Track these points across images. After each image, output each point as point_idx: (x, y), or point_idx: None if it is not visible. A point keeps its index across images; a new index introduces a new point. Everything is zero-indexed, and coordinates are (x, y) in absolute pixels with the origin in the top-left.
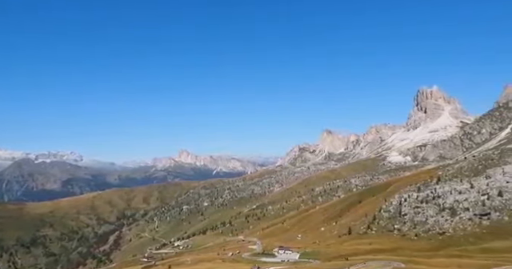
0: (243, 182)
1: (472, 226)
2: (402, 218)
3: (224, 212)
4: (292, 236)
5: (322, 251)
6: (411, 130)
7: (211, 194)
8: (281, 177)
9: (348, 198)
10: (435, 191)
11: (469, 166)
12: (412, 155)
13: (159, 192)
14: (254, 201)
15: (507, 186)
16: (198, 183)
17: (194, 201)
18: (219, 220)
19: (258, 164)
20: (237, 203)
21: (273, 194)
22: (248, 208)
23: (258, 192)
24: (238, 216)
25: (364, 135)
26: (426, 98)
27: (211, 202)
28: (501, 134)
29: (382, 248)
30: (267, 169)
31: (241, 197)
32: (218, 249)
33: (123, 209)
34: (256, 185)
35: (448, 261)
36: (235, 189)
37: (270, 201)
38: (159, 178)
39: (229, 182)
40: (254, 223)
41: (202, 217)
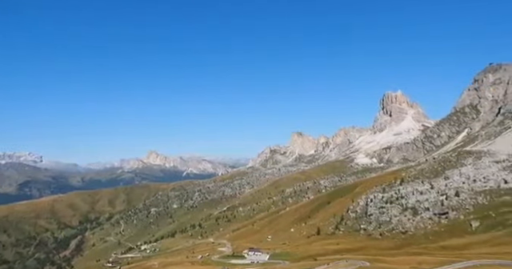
0: (214, 183)
1: (432, 224)
2: (368, 218)
3: (194, 214)
4: (262, 237)
5: (292, 252)
6: (377, 132)
7: (181, 196)
8: (252, 178)
9: (317, 200)
10: (399, 192)
11: (429, 168)
12: (378, 157)
13: (126, 194)
14: (225, 203)
15: (463, 187)
16: (167, 185)
17: (162, 203)
18: (189, 223)
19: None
20: (207, 205)
21: (244, 195)
22: (218, 210)
23: (228, 194)
24: (209, 218)
25: (333, 137)
26: (391, 102)
27: (181, 204)
28: (458, 137)
29: (349, 248)
30: (238, 170)
31: (211, 199)
32: (188, 252)
33: (86, 212)
34: (227, 186)
35: (409, 259)
36: (206, 191)
37: (241, 203)
38: (126, 180)
39: (199, 184)
40: (225, 225)
41: (170, 220)
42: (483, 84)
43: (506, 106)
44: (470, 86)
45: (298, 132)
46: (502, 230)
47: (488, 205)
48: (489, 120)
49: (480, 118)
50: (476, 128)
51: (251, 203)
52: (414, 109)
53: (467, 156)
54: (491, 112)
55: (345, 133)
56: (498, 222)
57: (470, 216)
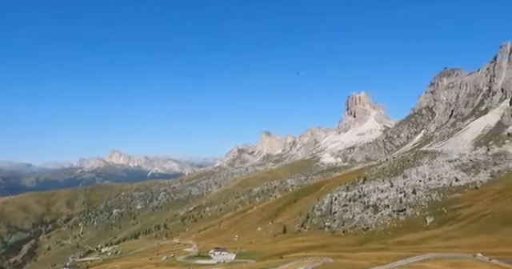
0: (180, 183)
1: (391, 221)
2: (332, 216)
3: (159, 215)
4: (229, 237)
5: (258, 251)
6: (342, 133)
7: (145, 196)
8: (219, 178)
9: (284, 198)
10: (361, 190)
11: (389, 167)
12: (342, 157)
13: (86, 195)
14: (192, 203)
15: (420, 185)
16: (130, 185)
17: (125, 204)
18: (153, 223)
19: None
20: (173, 205)
21: (211, 195)
22: (185, 210)
23: (195, 193)
24: (174, 219)
25: (300, 137)
26: (356, 103)
27: (145, 204)
28: (415, 138)
29: (314, 245)
30: (206, 170)
31: (177, 199)
32: (151, 253)
33: (41, 215)
34: (194, 186)
35: (370, 254)
36: (172, 191)
37: (208, 202)
38: (86, 180)
39: (165, 184)
40: (191, 225)
41: (134, 221)
42: (438, 87)
43: (457, 108)
44: (427, 89)
45: (266, 132)
46: (453, 225)
47: (441, 202)
48: (443, 122)
49: (435, 119)
50: (431, 129)
51: (218, 203)
52: (377, 110)
53: (423, 156)
54: (445, 114)
55: (312, 133)
56: (449, 218)
57: (425, 212)
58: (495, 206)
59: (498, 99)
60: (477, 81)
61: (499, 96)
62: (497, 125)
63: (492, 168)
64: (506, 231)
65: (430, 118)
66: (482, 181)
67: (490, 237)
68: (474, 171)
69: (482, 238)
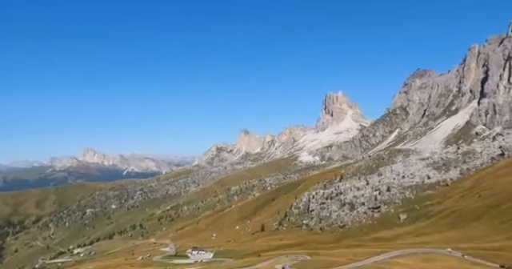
0: (157, 182)
1: (366, 218)
2: (309, 214)
3: (134, 214)
4: (207, 236)
5: (236, 249)
6: (320, 131)
7: (120, 195)
8: (197, 177)
9: (262, 197)
10: (338, 188)
11: (365, 165)
12: (320, 155)
13: (57, 195)
14: (169, 202)
15: (394, 183)
16: (105, 185)
17: (100, 204)
18: (129, 223)
19: (173, 164)
20: (149, 205)
21: (188, 194)
22: (162, 209)
23: (172, 192)
24: (151, 218)
25: (279, 136)
26: (333, 102)
27: (120, 204)
28: (390, 136)
29: (292, 243)
30: (183, 169)
31: (154, 198)
32: (127, 254)
33: (8, 215)
34: (171, 185)
35: (346, 251)
36: (148, 190)
37: (186, 201)
38: (58, 179)
39: (141, 183)
40: (168, 225)
41: (108, 220)
42: (412, 88)
43: (429, 108)
44: (401, 89)
45: (245, 130)
46: (425, 222)
47: (414, 199)
48: (416, 121)
49: (409, 119)
50: (405, 128)
51: (196, 202)
52: (353, 109)
53: (397, 154)
54: (418, 114)
55: (290, 132)
56: (421, 214)
57: (399, 209)
58: (464, 203)
59: (467, 100)
60: (447, 82)
61: (468, 97)
62: (466, 124)
63: (461, 166)
64: (473, 227)
65: (403, 118)
66: (452, 178)
67: (459, 232)
68: (444, 169)
69: (451, 233)
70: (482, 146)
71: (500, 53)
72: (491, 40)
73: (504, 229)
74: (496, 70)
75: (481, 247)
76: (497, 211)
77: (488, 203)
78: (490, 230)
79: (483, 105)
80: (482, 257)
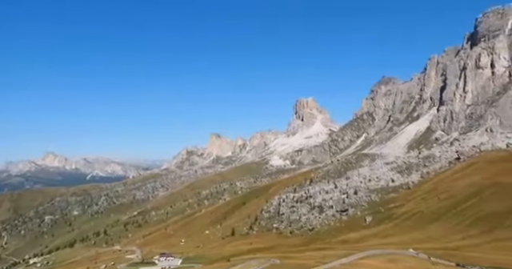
0: (124, 187)
1: (334, 221)
2: (280, 218)
3: (98, 221)
4: (176, 241)
5: (205, 255)
6: (291, 136)
7: (83, 201)
8: (166, 181)
9: (233, 201)
10: (308, 192)
11: (334, 169)
12: (291, 159)
13: (12, 201)
14: (136, 207)
15: (361, 186)
16: (66, 190)
17: (60, 210)
18: (92, 230)
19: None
20: (115, 210)
21: (157, 199)
22: (128, 215)
23: (140, 197)
24: (116, 224)
25: (250, 140)
26: (303, 107)
27: (83, 210)
28: (357, 141)
29: (262, 247)
30: (152, 173)
31: (120, 203)
32: (89, 262)
33: None
34: (138, 190)
35: (315, 253)
36: (114, 195)
37: (154, 206)
38: (14, 184)
39: (106, 188)
40: (134, 231)
41: (69, 228)
42: (377, 94)
43: (394, 114)
44: (368, 95)
45: (216, 134)
46: (389, 224)
47: (379, 201)
48: (381, 126)
49: (375, 124)
50: (372, 133)
51: (165, 207)
52: (323, 114)
53: (364, 158)
54: (383, 119)
55: (261, 136)
56: (386, 217)
57: (365, 212)
58: (424, 205)
59: (428, 107)
60: (410, 89)
61: (428, 104)
62: (426, 130)
63: (422, 170)
64: (433, 228)
65: (370, 123)
66: (414, 181)
67: (420, 233)
68: (407, 173)
69: (413, 234)
70: (440, 151)
71: (456, 63)
72: (449, 51)
73: (460, 229)
74: (453, 79)
75: (439, 247)
76: (453, 213)
77: (446, 205)
78: (447, 231)
79: (442, 112)
80: (441, 256)
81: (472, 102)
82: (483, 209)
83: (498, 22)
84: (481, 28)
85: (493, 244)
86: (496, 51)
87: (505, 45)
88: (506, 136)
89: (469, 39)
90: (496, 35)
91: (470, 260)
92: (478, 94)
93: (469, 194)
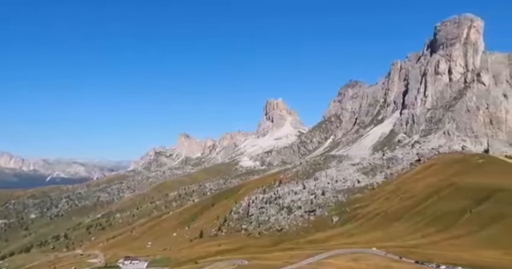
0: (87, 188)
1: (302, 221)
2: (249, 219)
3: (58, 224)
4: (142, 244)
5: (172, 257)
6: (261, 137)
7: (42, 204)
8: (133, 182)
9: (202, 202)
10: (277, 193)
11: (303, 170)
12: (260, 160)
13: None
14: (100, 209)
15: (328, 187)
16: (23, 192)
17: (15, 213)
18: (51, 234)
19: (107, 169)
20: (77, 213)
21: (122, 200)
22: (91, 218)
23: (104, 199)
24: (78, 227)
25: (220, 141)
26: (273, 108)
27: (41, 213)
28: (325, 143)
29: (230, 248)
30: (117, 174)
31: (82, 206)
32: (47, 268)
33: None
34: (103, 191)
35: (283, 254)
36: (76, 197)
37: (119, 208)
38: None
39: (68, 190)
40: (98, 234)
41: (26, 232)
42: (345, 97)
43: (360, 117)
44: (336, 98)
45: (185, 134)
46: (354, 223)
47: (345, 202)
48: (348, 129)
49: (342, 126)
50: (339, 135)
51: (131, 209)
52: (292, 116)
53: (332, 159)
54: (350, 122)
55: (231, 137)
56: (351, 217)
57: (332, 212)
58: (387, 205)
59: (391, 110)
60: (375, 93)
61: (392, 107)
62: (390, 133)
63: (386, 171)
64: (395, 227)
65: (338, 125)
66: (378, 182)
67: (383, 232)
68: (372, 174)
69: (376, 233)
70: (402, 153)
71: (418, 69)
72: (411, 57)
73: (419, 228)
74: (414, 84)
75: (400, 245)
76: (414, 212)
77: (407, 205)
78: (408, 230)
79: (404, 115)
80: (401, 254)
81: (431, 107)
82: (440, 208)
83: (454, 31)
84: (440, 36)
85: (448, 241)
86: (453, 58)
87: (461, 53)
88: (462, 139)
89: (429, 46)
90: (453, 43)
91: (428, 257)
92: (437, 98)
93: (428, 194)
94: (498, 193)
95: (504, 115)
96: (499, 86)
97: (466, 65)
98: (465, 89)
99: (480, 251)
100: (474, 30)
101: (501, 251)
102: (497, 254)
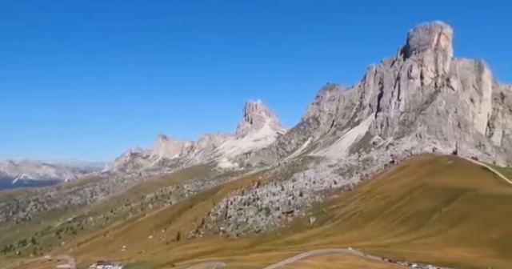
0: (57, 191)
1: (280, 222)
2: (227, 220)
3: (25, 229)
4: (116, 248)
5: (148, 260)
6: (240, 138)
7: (8, 207)
8: (107, 184)
9: (179, 204)
10: (255, 194)
11: (281, 172)
12: (239, 162)
13: None
14: (71, 213)
15: (306, 188)
16: None
17: None
18: (17, 239)
19: (79, 171)
20: (46, 217)
21: (96, 203)
22: (61, 221)
23: (76, 202)
24: (47, 232)
25: (198, 142)
26: (252, 110)
27: (6, 217)
28: (304, 144)
29: (208, 250)
30: (91, 176)
31: (52, 209)
32: None
33: None
34: (75, 194)
35: (261, 255)
36: (45, 200)
37: (92, 211)
38: None
39: (36, 192)
40: (69, 238)
41: None
42: (322, 99)
43: (337, 119)
44: (314, 100)
45: (163, 135)
46: (331, 224)
47: (322, 203)
48: (326, 130)
49: (320, 128)
50: (317, 137)
51: (105, 212)
52: (271, 118)
53: (310, 161)
54: (328, 124)
55: (210, 138)
56: (328, 217)
57: (310, 213)
58: (363, 206)
59: (367, 113)
60: (352, 96)
61: (368, 110)
62: (366, 135)
63: (362, 172)
64: (370, 227)
65: (315, 127)
66: (354, 183)
67: (358, 232)
68: (348, 175)
69: (352, 233)
70: (377, 155)
71: (392, 73)
72: (385, 61)
73: (393, 227)
74: (388, 87)
75: (375, 245)
76: (388, 212)
77: (381, 205)
78: (382, 229)
79: (379, 118)
80: (376, 253)
81: (405, 110)
82: (412, 208)
83: (426, 37)
84: (412, 42)
85: (420, 240)
86: (425, 64)
87: (432, 58)
88: (433, 141)
89: (402, 51)
90: (424, 49)
91: (401, 256)
92: (409, 102)
93: (401, 194)
94: (465, 193)
95: (471, 119)
96: (466, 91)
97: (436, 70)
98: (435, 93)
99: (449, 249)
100: (444, 37)
101: (469, 249)
102: (464, 252)
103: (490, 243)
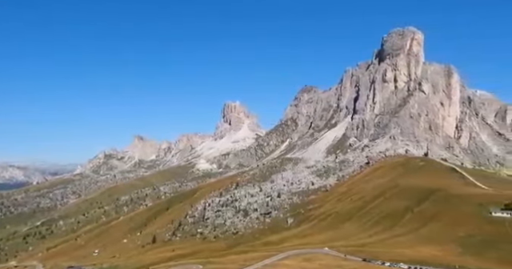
0: (25, 194)
1: (258, 224)
2: (204, 222)
3: None
4: (87, 252)
5: (122, 265)
6: (218, 139)
7: None
8: (79, 187)
9: (156, 206)
10: (234, 195)
11: (259, 173)
12: (217, 163)
13: None
14: (40, 216)
15: (284, 189)
16: None
17: None
18: None
19: (49, 173)
20: (12, 221)
21: (66, 206)
22: (29, 226)
23: (45, 206)
24: (12, 237)
25: (176, 143)
26: (231, 111)
27: None
28: (282, 146)
29: (185, 253)
30: (61, 178)
31: (19, 213)
32: None
33: None
34: (44, 197)
35: (238, 257)
36: (11, 203)
37: (62, 215)
38: None
39: (1, 196)
40: (37, 243)
41: None
42: (300, 101)
43: (315, 121)
44: (292, 102)
45: (139, 136)
46: (308, 224)
47: (300, 203)
48: (304, 132)
49: (298, 130)
50: (295, 138)
51: (76, 215)
52: (250, 119)
53: (288, 162)
54: (305, 125)
55: (188, 138)
56: (305, 218)
57: (287, 214)
58: (339, 206)
59: (344, 115)
60: (329, 98)
61: (344, 112)
62: (342, 136)
63: (338, 173)
64: (346, 227)
65: (294, 129)
66: (331, 184)
67: (335, 232)
68: (325, 176)
69: (328, 234)
70: (353, 156)
71: (367, 76)
72: (361, 65)
73: (367, 227)
74: (364, 90)
75: (350, 244)
76: (363, 212)
77: (357, 206)
78: (357, 229)
79: (355, 120)
80: (351, 253)
81: (379, 112)
82: (386, 208)
83: (399, 42)
84: (386, 46)
85: (393, 239)
86: (398, 68)
87: (405, 63)
88: (405, 143)
89: (377, 55)
90: (398, 54)
91: (375, 255)
92: (384, 105)
93: (375, 195)
94: (435, 193)
95: (441, 122)
96: (437, 95)
97: (409, 74)
98: (408, 97)
99: (420, 248)
100: (416, 43)
101: (438, 247)
102: (434, 250)
103: (457, 242)
